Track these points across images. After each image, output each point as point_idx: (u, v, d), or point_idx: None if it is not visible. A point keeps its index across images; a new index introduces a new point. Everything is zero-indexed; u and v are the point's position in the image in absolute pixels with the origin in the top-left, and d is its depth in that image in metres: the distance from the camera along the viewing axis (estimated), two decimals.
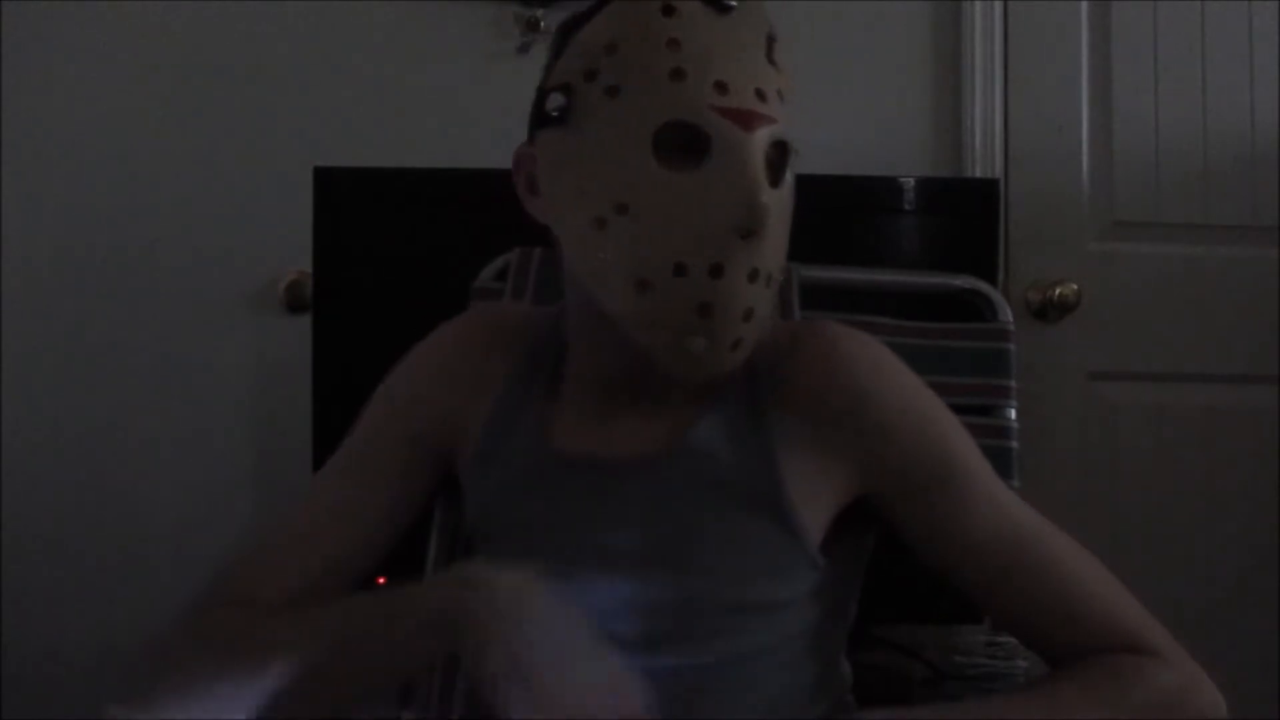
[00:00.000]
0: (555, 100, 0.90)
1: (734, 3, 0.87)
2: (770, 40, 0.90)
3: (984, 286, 1.42)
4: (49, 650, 1.87)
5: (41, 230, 1.90)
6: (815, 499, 0.92)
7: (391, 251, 1.68)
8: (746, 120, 0.85)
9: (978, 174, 1.98)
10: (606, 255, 0.87)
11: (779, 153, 0.88)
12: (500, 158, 1.72)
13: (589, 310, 0.93)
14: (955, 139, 2.02)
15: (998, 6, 2.01)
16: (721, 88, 0.85)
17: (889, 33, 2.02)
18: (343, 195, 1.67)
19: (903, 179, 1.72)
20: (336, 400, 1.63)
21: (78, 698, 0.85)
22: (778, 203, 0.87)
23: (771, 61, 0.89)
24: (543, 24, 1.91)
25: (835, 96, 2.00)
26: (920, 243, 1.73)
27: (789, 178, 0.90)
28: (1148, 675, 0.87)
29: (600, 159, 0.87)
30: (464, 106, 1.95)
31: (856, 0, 2.00)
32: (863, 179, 1.77)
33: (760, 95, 0.86)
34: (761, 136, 0.85)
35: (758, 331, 0.89)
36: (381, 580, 1.01)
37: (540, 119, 0.92)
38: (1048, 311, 1.99)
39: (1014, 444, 1.30)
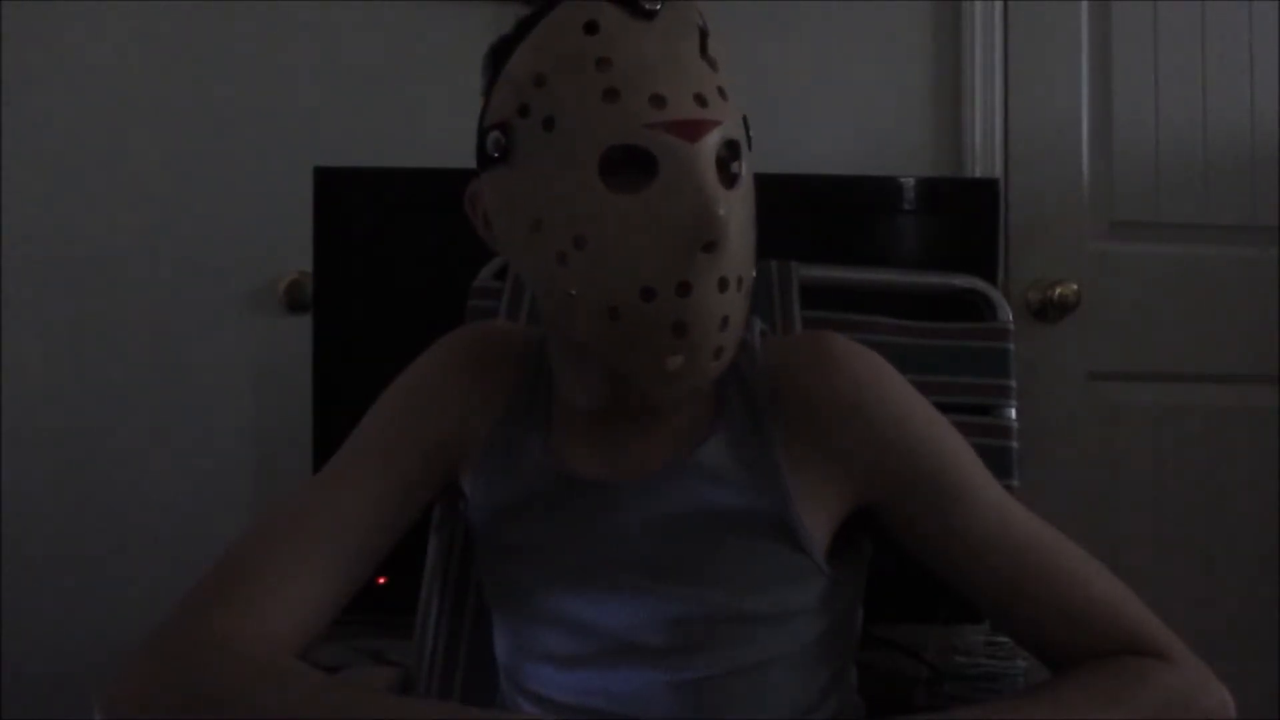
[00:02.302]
0: (494, 140, 0.88)
1: (657, 6, 0.85)
2: (703, 36, 0.87)
3: (984, 286, 1.42)
4: (49, 650, 1.87)
5: (41, 230, 1.90)
6: (820, 510, 0.92)
7: (391, 251, 1.68)
8: (690, 131, 0.82)
9: (978, 174, 1.98)
10: (573, 289, 0.85)
11: (730, 152, 0.87)
12: None
13: (566, 340, 0.93)
14: (955, 139, 2.02)
15: (998, 6, 2.01)
16: (659, 101, 0.82)
17: (889, 33, 2.02)
18: (343, 195, 1.67)
19: (903, 179, 1.72)
20: (336, 400, 1.63)
21: (78, 698, 0.85)
22: (736, 205, 0.85)
23: (707, 59, 0.87)
24: None
25: (835, 96, 2.00)
26: (920, 243, 1.73)
27: (745, 174, 0.89)
28: (1153, 676, 0.87)
29: (549, 194, 0.85)
30: (464, 106, 1.94)
31: (856, 0, 2.00)
32: (863, 179, 1.77)
33: (700, 100, 0.84)
34: (708, 144, 0.83)
35: (737, 336, 0.88)
36: (382, 580, 1.01)
37: (483, 159, 0.91)
38: (1048, 311, 1.99)
39: (1014, 444, 1.30)
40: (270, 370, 1.91)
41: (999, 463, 1.26)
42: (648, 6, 0.84)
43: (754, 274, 0.90)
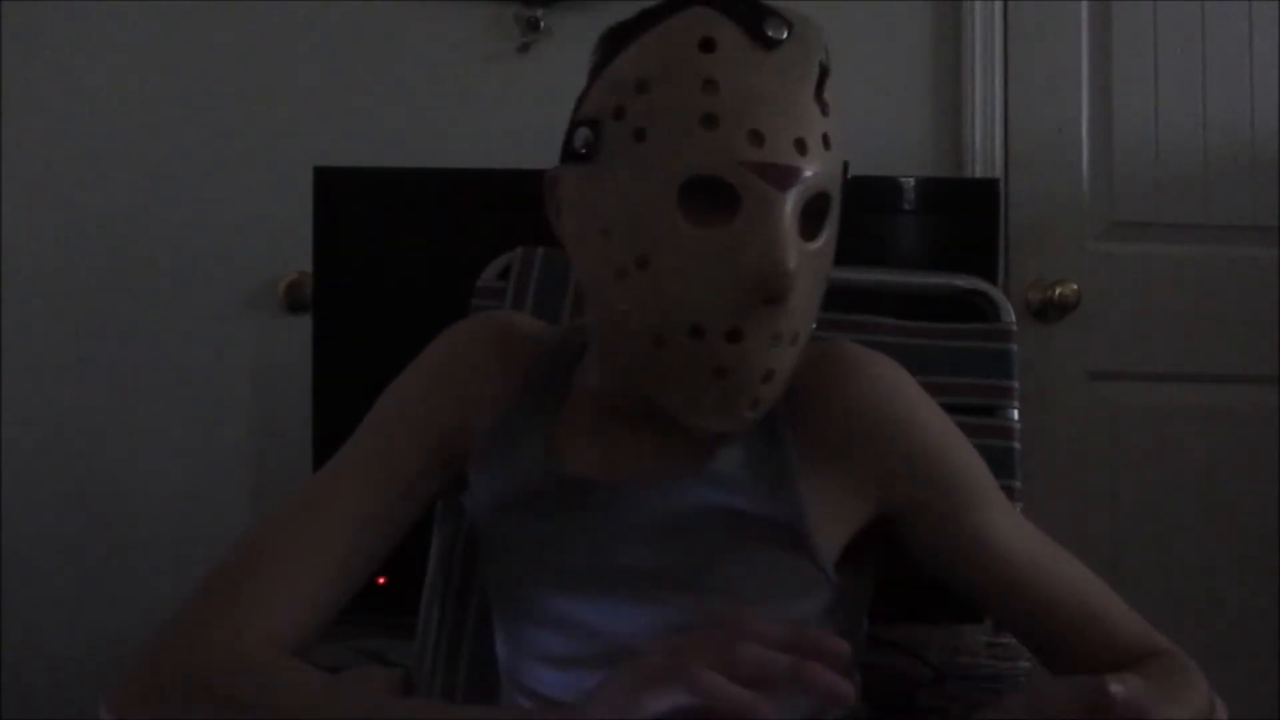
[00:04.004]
0: (583, 136, 0.85)
1: (782, 36, 0.81)
2: (823, 73, 0.83)
3: (987, 287, 1.41)
4: (49, 650, 1.87)
5: (42, 231, 1.90)
6: (834, 521, 0.92)
7: (391, 251, 1.68)
8: (781, 178, 0.80)
9: (978, 174, 1.98)
10: (625, 307, 0.84)
11: (820, 204, 0.84)
12: (500, 157, 1.73)
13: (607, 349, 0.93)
14: (955, 139, 2.02)
15: (998, 6, 2.01)
16: (757, 138, 0.79)
17: (889, 33, 2.02)
18: (343, 195, 1.67)
19: (903, 179, 1.72)
20: (336, 400, 1.63)
21: (78, 698, 0.85)
22: (810, 261, 0.83)
23: (820, 101, 0.83)
24: (542, 24, 1.91)
25: (835, 96, 2.00)
26: (920, 243, 1.73)
27: (830, 231, 0.86)
28: (1194, 674, 0.88)
29: (624, 207, 0.83)
30: (464, 106, 1.95)
31: (857, 0, 2.00)
32: (862, 179, 1.76)
33: (800, 146, 0.80)
34: (797, 194, 0.80)
35: (780, 390, 0.87)
36: (382, 580, 1.01)
37: (568, 151, 0.88)
38: (1048, 311, 1.99)
39: (1016, 444, 1.30)
40: (270, 370, 1.91)
41: (1001, 463, 1.25)
42: (771, 35, 0.81)
43: (814, 328, 0.87)
